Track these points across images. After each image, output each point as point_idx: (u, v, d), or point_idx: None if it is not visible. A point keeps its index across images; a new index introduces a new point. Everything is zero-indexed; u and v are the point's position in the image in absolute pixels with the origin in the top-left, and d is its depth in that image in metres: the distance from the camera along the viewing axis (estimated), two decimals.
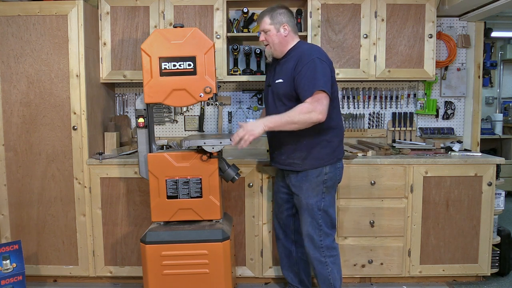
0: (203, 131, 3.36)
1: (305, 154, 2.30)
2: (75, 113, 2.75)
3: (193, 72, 2.26)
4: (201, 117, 3.35)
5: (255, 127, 2.11)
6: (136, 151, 3.06)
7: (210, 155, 2.30)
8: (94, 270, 2.86)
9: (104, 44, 2.98)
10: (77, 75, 2.73)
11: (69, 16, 2.70)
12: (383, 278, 2.91)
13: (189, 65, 2.25)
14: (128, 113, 3.37)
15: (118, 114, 3.35)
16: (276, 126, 2.14)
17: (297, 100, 2.21)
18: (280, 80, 2.30)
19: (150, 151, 2.40)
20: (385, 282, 2.91)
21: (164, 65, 2.25)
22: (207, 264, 2.26)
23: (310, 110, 2.10)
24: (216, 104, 3.34)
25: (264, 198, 2.79)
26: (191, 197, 2.33)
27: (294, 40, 2.36)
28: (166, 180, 2.32)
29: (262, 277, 2.87)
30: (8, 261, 2.59)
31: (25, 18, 2.70)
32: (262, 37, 2.37)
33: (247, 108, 3.37)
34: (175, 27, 2.31)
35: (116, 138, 3.03)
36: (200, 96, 2.26)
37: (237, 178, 2.40)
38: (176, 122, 3.38)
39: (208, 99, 2.29)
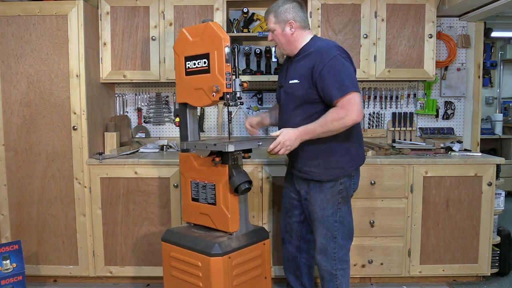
0: (203, 131, 3.36)
1: (322, 162, 2.14)
2: (75, 113, 2.75)
3: (207, 70, 2.10)
4: (201, 117, 3.34)
5: (291, 142, 2.01)
6: (136, 151, 3.06)
7: (221, 161, 2.10)
8: (94, 270, 2.86)
9: (104, 44, 2.97)
10: (77, 75, 2.73)
11: (69, 16, 2.70)
12: (383, 278, 2.91)
13: (204, 62, 2.10)
14: (128, 113, 3.37)
15: (118, 114, 3.35)
16: (311, 137, 2.04)
17: (318, 103, 2.07)
18: (295, 81, 2.11)
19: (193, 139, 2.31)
20: (385, 282, 2.91)
21: (188, 64, 2.17)
22: (200, 277, 2.09)
23: (343, 116, 1.97)
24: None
25: (264, 198, 2.78)
26: (208, 203, 2.19)
27: (305, 36, 2.15)
28: (190, 182, 2.25)
29: None
30: (8, 261, 2.58)
31: (25, 18, 2.70)
32: (270, 37, 2.20)
33: (247, 108, 3.37)
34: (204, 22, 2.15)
35: (116, 138, 3.03)
36: (213, 95, 2.07)
37: (243, 188, 2.06)
38: None
39: (226, 99, 2.08)
